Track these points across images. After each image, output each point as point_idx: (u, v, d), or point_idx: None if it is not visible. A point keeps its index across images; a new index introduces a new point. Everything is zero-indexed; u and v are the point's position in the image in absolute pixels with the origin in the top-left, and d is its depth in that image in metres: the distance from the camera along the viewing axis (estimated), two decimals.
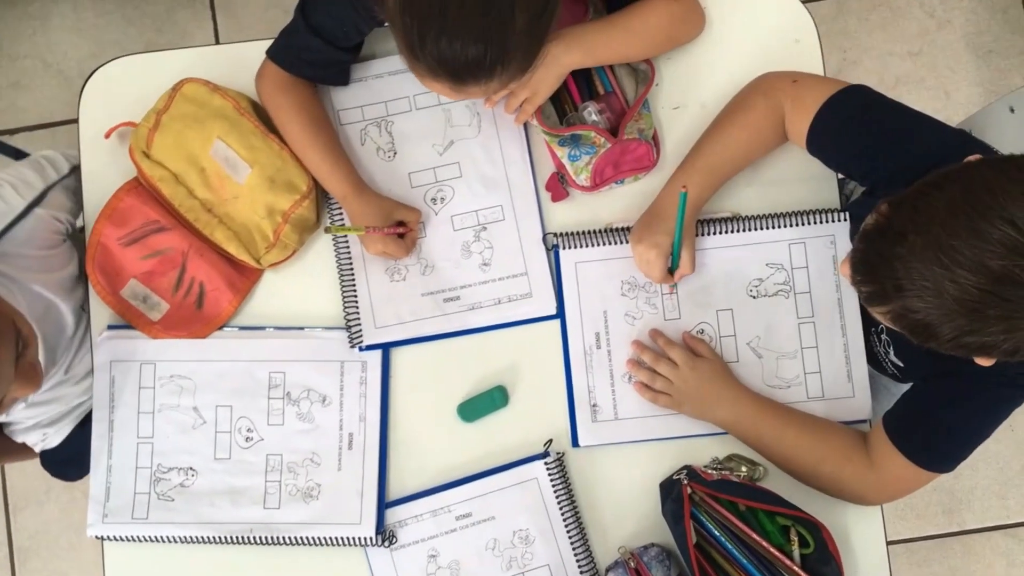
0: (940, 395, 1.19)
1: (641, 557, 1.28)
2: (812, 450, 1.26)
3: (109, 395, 1.35)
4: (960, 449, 1.19)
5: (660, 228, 1.27)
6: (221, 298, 1.35)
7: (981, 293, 0.89)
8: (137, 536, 1.32)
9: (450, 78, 1.09)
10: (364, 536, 1.30)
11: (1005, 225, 0.87)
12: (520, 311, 1.34)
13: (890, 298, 0.95)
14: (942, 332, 0.93)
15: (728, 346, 1.34)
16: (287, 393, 1.34)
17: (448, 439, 1.35)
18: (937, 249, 0.90)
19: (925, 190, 0.94)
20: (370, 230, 1.28)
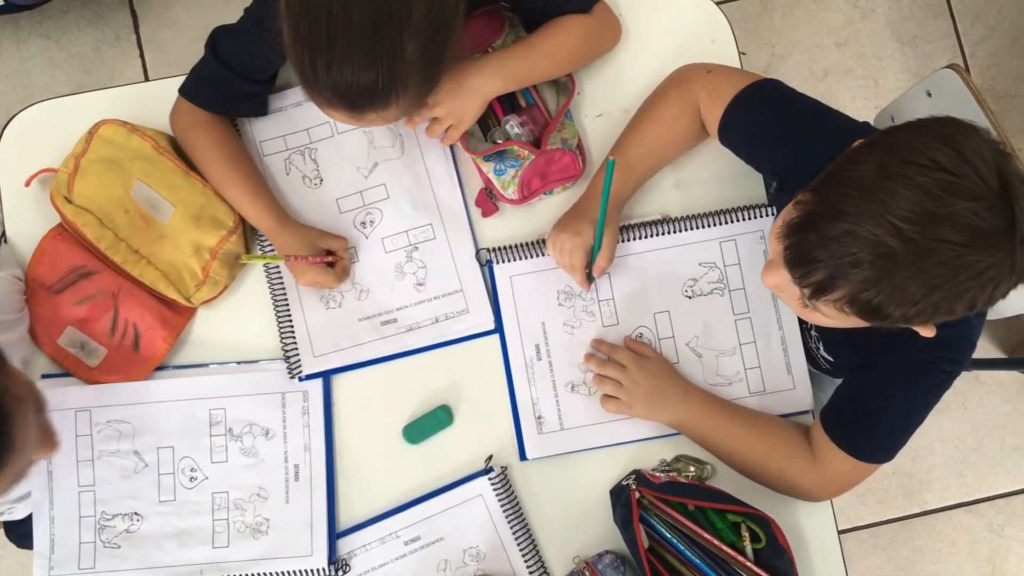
0: (868, 387, 1.20)
1: (595, 565, 1.27)
2: (758, 446, 1.27)
3: None
4: (895, 438, 1.20)
5: (582, 216, 1.28)
6: (155, 337, 1.33)
7: (934, 243, 0.88)
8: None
9: (346, 106, 1.10)
10: (316, 568, 1.29)
11: (939, 172, 0.88)
12: (458, 328, 1.34)
13: (837, 281, 0.93)
14: (895, 307, 0.92)
15: (668, 347, 1.34)
16: (229, 429, 1.32)
17: (395, 463, 1.34)
18: (877, 212, 0.89)
19: (843, 167, 0.94)
20: (290, 259, 1.27)
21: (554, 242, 1.30)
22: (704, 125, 1.30)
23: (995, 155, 0.90)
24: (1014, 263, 0.90)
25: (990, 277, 0.90)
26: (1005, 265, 0.90)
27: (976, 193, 0.88)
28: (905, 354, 1.10)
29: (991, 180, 0.88)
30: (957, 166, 0.88)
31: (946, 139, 0.90)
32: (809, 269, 0.95)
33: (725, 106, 1.24)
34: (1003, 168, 0.89)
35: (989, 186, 0.88)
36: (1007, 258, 0.90)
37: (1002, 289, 0.92)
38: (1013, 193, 0.88)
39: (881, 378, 1.18)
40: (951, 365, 1.14)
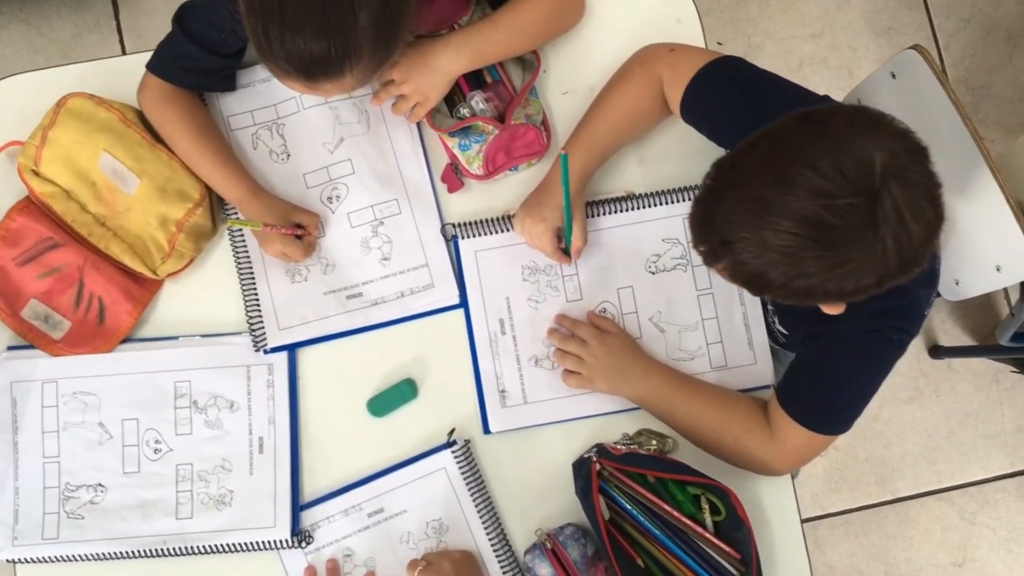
0: (819, 357, 1.22)
1: (557, 537, 1.28)
2: (717, 420, 1.28)
3: (12, 417, 1.33)
4: (848, 409, 1.21)
5: (546, 202, 1.29)
6: (121, 310, 1.34)
7: (795, 238, 0.91)
8: (49, 557, 1.30)
9: (301, 75, 1.11)
10: (279, 539, 1.30)
11: (807, 171, 0.90)
12: (423, 302, 1.35)
13: (720, 255, 0.99)
14: (772, 280, 0.96)
15: (631, 322, 1.35)
16: (194, 402, 1.33)
17: (360, 436, 1.34)
18: (751, 202, 0.94)
19: (742, 148, 0.98)
20: (268, 227, 1.28)
21: (521, 226, 1.32)
22: (667, 103, 1.31)
23: (886, 149, 0.91)
24: (875, 259, 0.92)
25: (849, 270, 0.93)
26: (864, 260, 0.92)
27: (834, 192, 0.90)
28: (853, 322, 1.12)
29: (858, 178, 0.90)
30: (823, 164, 0.90)
31: (827, 133, 0.93)
32: (697, 240, 1.02)
33: (687, 83, 1.25)
34: (887, 164, 0.90)
35: (854, 185, 0.90)
36: (865, 255, 0.92)
37: (868, 280, 0.95)
38: (882, 193, 0.90)
39: (831, 347, 1.19)
40: (898, 333, 1.15)
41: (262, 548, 1.30)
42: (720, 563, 1.25)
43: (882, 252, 0.91)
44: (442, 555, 1.25)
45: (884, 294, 1.01)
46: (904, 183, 0.90)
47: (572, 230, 1.28)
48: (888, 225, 0.90)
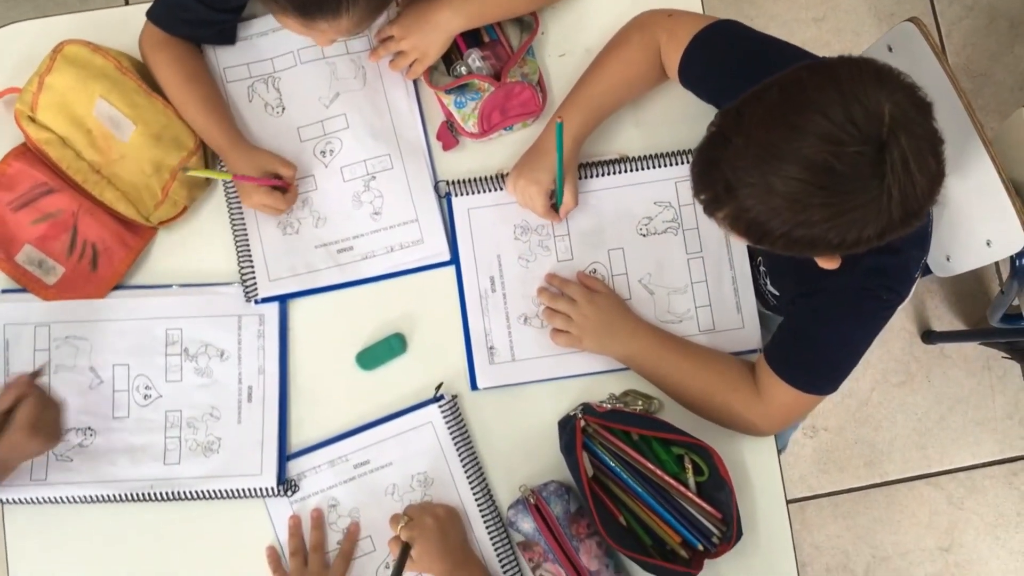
0: (808, 316, 1.22)
1: (540, 493, 1.29)
2: (704, 380, 1.28)
3: (3, 359, 1.34)
4: (835, 369, 1.22)
5: (539, 164, 1.30)
6: (114, 257, 1.34)
7: (801, 183, 0.92)
8: (36, 498, 1.31)
9: (297, 12, 1.12)
10: (265, 486, 1.30)
11: (817, 117, 0.91)
12: (412, 258, 1.36)
13: (723, 201, 0.99)
14: (773, 228, 0.97)
15: (621, 284, 1.36)
16: (184, 349, 1.34)
17: (348, 388, 1.35)
18: (758, 147, 0.94)
19: (748, 98, 0.98)
20: (238, 177, 1.29)
21: (514, 186, 1.33)
22: (664, 67, 1.32)
23: (894, 101, 0.91)
24: (880, 209, 0.93)
25: (853, 218, 0.93)
26: (869, 209, 0.93)
27: (844, 139, 0.90)
28: (842, 279, 1.12)
29: (867, 127, 0.90)
30: (833, 111, 0.90)
31: (835, 80, 0.93)
32: (700, 188, 1.02)
33: (685, 47, 1.26)
34: (895, 116, 0.90)
35: (863, 132, 0.90)
36: (871, 203, 0.92)
37: (870, 231, 0.95)
38: (890, 143, 0.90)
39: (820, 306, 1.19)
40: (888, 293, 1.16)
41: (248, 495, 1.31)
42: (701, 522, 1.27)
43: (887, 202, 0.92)
44: (425, 510, 1.26)
45: (876, 252, 1.02)
46: (911, 135, 0.91)
47: (564, 193, 1.29)
48: (895, 175, 0.90)
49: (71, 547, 1.33)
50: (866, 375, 2.32)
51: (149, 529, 1.33)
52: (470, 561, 1.27)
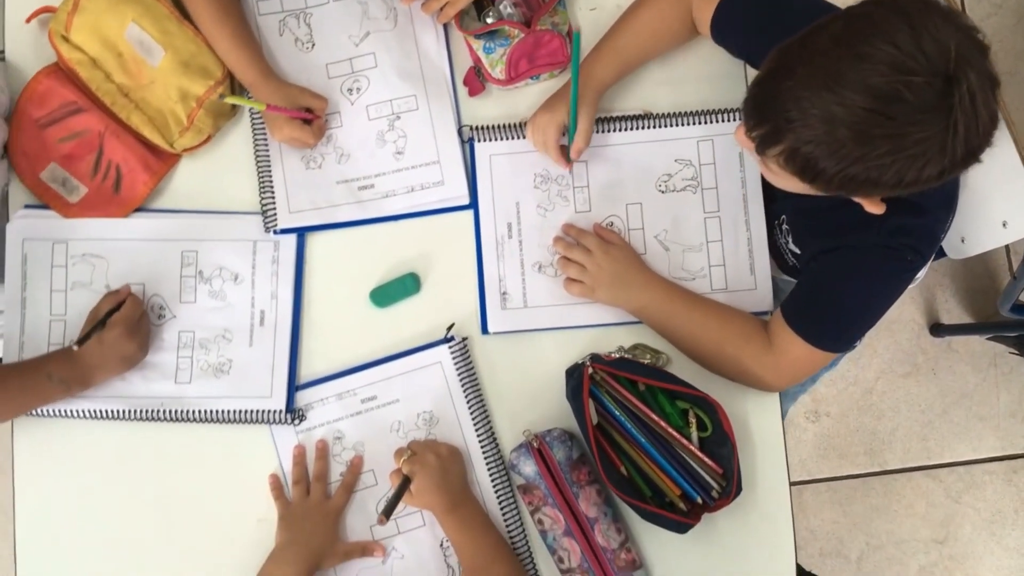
0: (829, 272, 1.22)
1: (544, 438, 1.30)
2: (716, 332, 1.29)
3: (21, 273, 1.35)
4: (851, 326, 1.22)
5: (558, 97, 1.31)
6: (137, 180, 1.36)
7: (867, 113, 0.91)
8: (48, 411, 1.32)
9: None
10: (274, 409, 1.32)
11: (886, 46, 0.90)
12: (432, 199, 1.37)
13: (782, 134, 0.97)
14: (829, 165, 0.96)
15: (636, 239, 1.37)
16: (199, 271, 1.35)
17: (360, 324, 1.36)
18: (824, 76, 0.92)
19: (810, 31, 0.97)
20: (271, 108, 1.30)
21: (533, 121, 1.33)
22: (695, 23, 1.32)
23: (958, 39, 0.91)
24: (945, 145, 0.92)
25: (916, 153, 0.92)
26: (933, 144, 0.92)
27: (914, 69, 0.89)
28: (867, 237, 1.12)
29: (937, 59, 0.90)
30: (903, 40, 0.90)
31: (904, 13, 0.92)
32: (757, 121, 1.00)
33: (717, 2, 1.26)
34: (961, 52, 0.90)
35: (932, 64, 0.89)
36: (936, 137, 0.92)
37: (930, 170, 0.94)
38: (959, 76, 0.89)
39: (842, 262, 1.19)
40: (912, 254, 1.16)
41: (256, 420, 1.32)
42: (701, 475, 1.28)
43: (951, 138, 0.91)
44: (428, 447, 1.27)
45: (903, 212, 1.01)
46: (977, 71, 0.91)
47: (576, 127, 1.28)
48: (962, 109, 0.90)
49: (76, 463, 1.35)
50: (872, 364, 2.33)
51: (154, 450, 1.35)
52: (468, 501, 1.29)
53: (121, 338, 1.26)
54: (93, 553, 1.33)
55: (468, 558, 1.25)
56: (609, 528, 1.28)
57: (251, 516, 1.33)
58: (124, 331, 1.27)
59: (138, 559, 1.33)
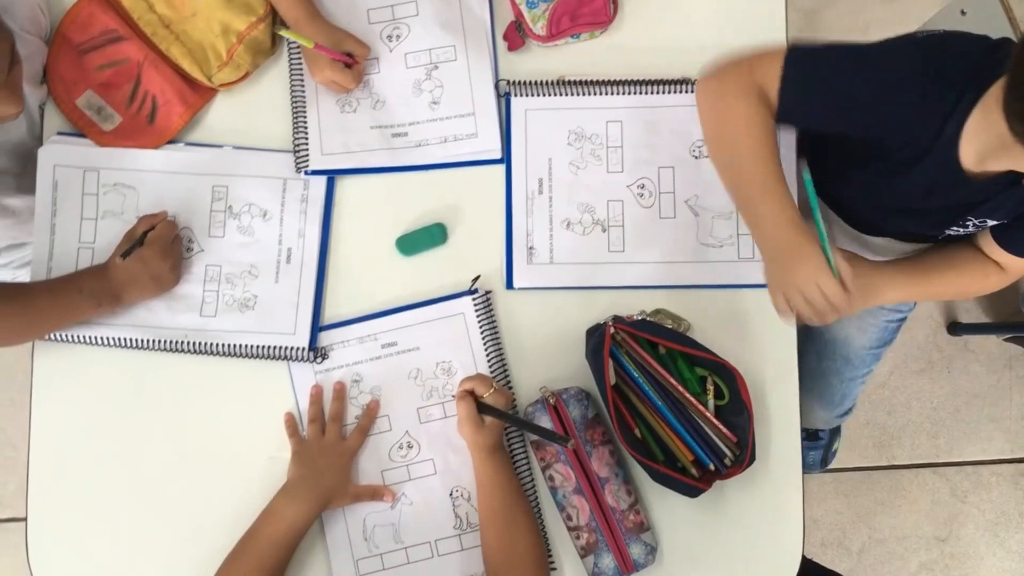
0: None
1: (561, 395, 1.30)
2: (958, 286, 1.34)
3: (52, 199, 1.36)
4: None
5: (800, 254, 1.18)
6: (172, 112, 1.36)
7: None
8: (73, 337, 1.33)
9: None
10: (297, 347, 1.32)
11: None
12: (465, 150, 1.37)
13: None
14: None
15: (666, 202, 1.36)
16: (229, 207, 1.36)
17: (385, 271, 1.37)
18: None
19: None
20: (319, 47, 1.30)
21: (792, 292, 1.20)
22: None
23: None
24: None
25: None
26: None
27: None
28: None
29: None
30: None
31: None
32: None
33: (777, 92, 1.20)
34: None
35: None
36: None
37: None
38: None
39: None
40: None
41: (278, 356, 1.33)
42: (715, 442, 1.28)
43: None
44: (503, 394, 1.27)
45: None
46: None
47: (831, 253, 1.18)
48: None
49: (93, 391, 1.36)
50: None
51: (171, 382, 1.36)
52: (504, 448, 1.30)
53: (155, 257, 1.27)
54: (104, 481, 1.35)
55: (494, 501, 1.25)
56: (619, 489, 1.29)
57: (263, 453, 1.33)
58: (158, 250, 1.28)
59: (148, 488, 1.34)
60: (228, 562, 1.22)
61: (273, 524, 1.23)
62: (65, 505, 1.34)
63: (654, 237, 1.36)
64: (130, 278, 1.29)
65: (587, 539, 1.27)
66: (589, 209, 1.37)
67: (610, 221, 1.36)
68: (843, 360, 1.62)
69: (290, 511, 1.24)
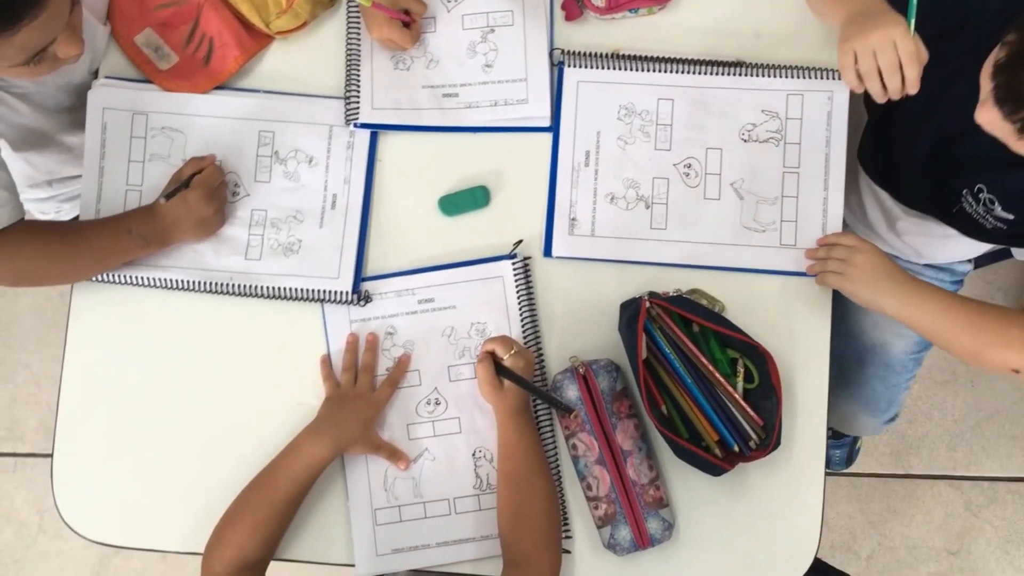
0: None
1: (591, 366, 1.30)
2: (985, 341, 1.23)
3: (100, 141, 1.37)
4: None
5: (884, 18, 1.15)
6: (227, 55, 1.37)
7: None
8: (117, 277, 1.35)
9: None
10: (341, 290, 1.33)
11: None
12: (514, 115, 1.37)
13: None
14: None
15: (712, 183, 1.36)
16: (275, 152, 1.37)
17: (426, 229, 1.38)
18: None
19: None
20: (376, 5, 1.30)
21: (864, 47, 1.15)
22: None
23: None
24: None
25: None
26: None
27: None
28: None
29: None
30: None
31: None
32: (1017, 105, 0.98)
33: None
34: None
35: None
36: None
37: None
38: None
39: None
40: None
41: (322, 299, 1.34)
42: (742, 424, 1.28)
43: None
44: (523, 350, 1.28)
45: None
46: None
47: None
48: None
49: (126, 330, 1.38)
50: None
51: (205, 325, 1.37)
52: (529, 411, 1.31)
53: (201, 200, 1.28)
54: (132, 420, 1.36)
55: (514, 462, 1.26)
56: (642, 463, 1.29)
57: (291, 399, 1.35)
58: (204, 194, 1.29)
59: (175, 428, 1.36)
60: (247, 490, 1.24)
61: (293, 458, 1.25)
62: (92, 442, 1.36)
63: (696, 217, 1.36)
64: (175, 220, 1.30)
65: (605, 510, 1.28)
66: (634, 185, 1.37)
67: (654, 198, 1.36)
68: (884, 366, 1.61)
69: (312, 447, 1.25)
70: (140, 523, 1.35)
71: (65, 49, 1.11)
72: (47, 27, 1.04)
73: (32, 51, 1.06)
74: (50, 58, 1.10)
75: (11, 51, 1.04)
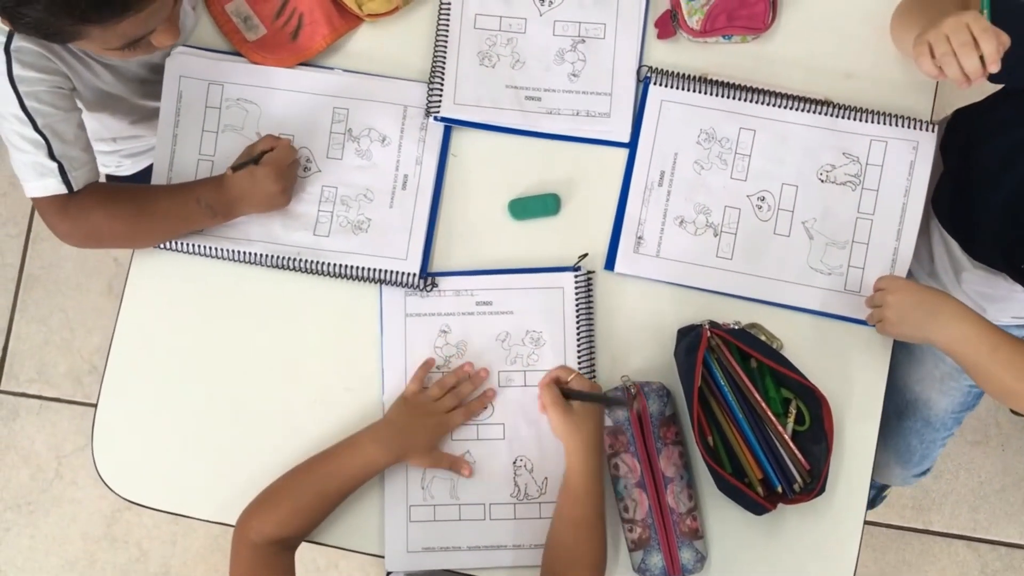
0: None
1: (643, 387, 1.29)
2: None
3: (175, 109, 1.37)
4: None
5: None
6: (316, 32, 1.37)
7: None
8: (188, 247, 1.35)
9: None
10: (408, 272, 1.33)
11: None
12: (594, 128, 1.36)
13: None
14: None
15: (783, 219, 1.35)
16: (349, 129, 1.36)
17: (492, 230, 1.37)
18: None
19: None
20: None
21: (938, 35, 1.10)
22: None
23: None
24: None
25: None
26: None
27: None
28: None
29: None
30: None
31: None
32: None
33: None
34: None
35: None
36: None
37: None
38: None
39: None
40: None
41: (389, 280, 1.33)
42: (788, 465, 1.27)
43: None
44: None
45: None
46: None
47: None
48: None
49: (185, 294, 1.38)
50: None
51: (262, 297, 1.37)
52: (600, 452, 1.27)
53: (268, 177, 1.28)
54: (178, 383, 1.36)
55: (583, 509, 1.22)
56: (682, 492, 1.28)
57: (340, 384, 1.34)
58: (273, 171, 1.28)
59: (219, 397, 1.36)
60: (299, 471, 1.24)
61: (352, 455, 1.24)
62: (137, 401, 1.36)
63: (764, 251, 1.35)
64: (241, 193, 1.30)
65: (640, 534, 1.27)
66: (705, 211, 1.36)
67: (724, 227, 1.35)
68: (923, 422, 1.59)
69: (374, 450, 1.25)
70: (173, 487, 1.35)
71: (161, 39, 1.13)
72: (149, 19, 1.07)
73: (131, 39, 1.10)
74: (145, 45, 1.13)
75: (112, 37, 1.07)
